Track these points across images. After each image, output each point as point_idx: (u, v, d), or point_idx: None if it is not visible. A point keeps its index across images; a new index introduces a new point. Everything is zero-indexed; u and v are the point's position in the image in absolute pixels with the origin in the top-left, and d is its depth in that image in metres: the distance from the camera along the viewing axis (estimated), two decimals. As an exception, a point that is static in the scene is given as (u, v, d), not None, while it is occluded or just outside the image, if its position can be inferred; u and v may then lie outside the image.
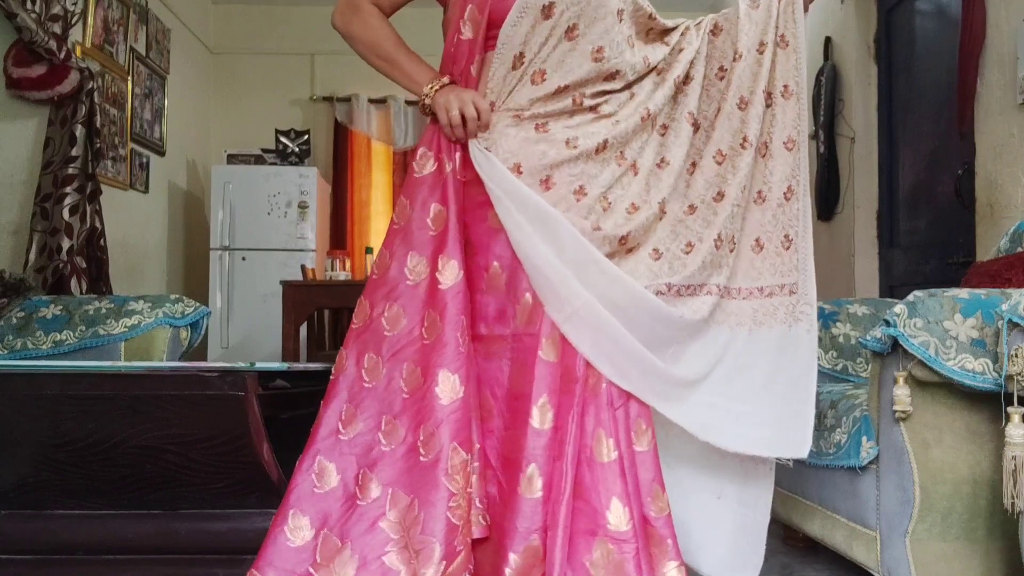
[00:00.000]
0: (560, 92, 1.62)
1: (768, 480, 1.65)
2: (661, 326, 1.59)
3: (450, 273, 1.52)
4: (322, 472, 1.48)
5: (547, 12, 1.59)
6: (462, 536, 1.43)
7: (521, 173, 1.59)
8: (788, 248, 1.67)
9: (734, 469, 1.65)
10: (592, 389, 1.52)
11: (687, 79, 1.74)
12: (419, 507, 1.42)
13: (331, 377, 1.56)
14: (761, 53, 1.71)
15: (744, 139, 1.70)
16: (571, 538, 1.45)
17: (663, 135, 1.72)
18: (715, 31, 1.76)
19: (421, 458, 1.44)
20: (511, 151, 1.61)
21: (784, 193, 1.69)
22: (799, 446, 1.57)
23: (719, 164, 1.71)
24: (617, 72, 1.66)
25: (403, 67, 1.70)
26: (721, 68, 1.75)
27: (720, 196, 1.69)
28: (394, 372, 1.51)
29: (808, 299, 1.64)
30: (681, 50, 1.74)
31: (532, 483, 1.45)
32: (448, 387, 1.46)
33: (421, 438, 1.45)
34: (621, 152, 1.67)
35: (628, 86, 1.70)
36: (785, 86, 1.71)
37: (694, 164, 1.73)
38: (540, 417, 1.47)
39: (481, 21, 1.60)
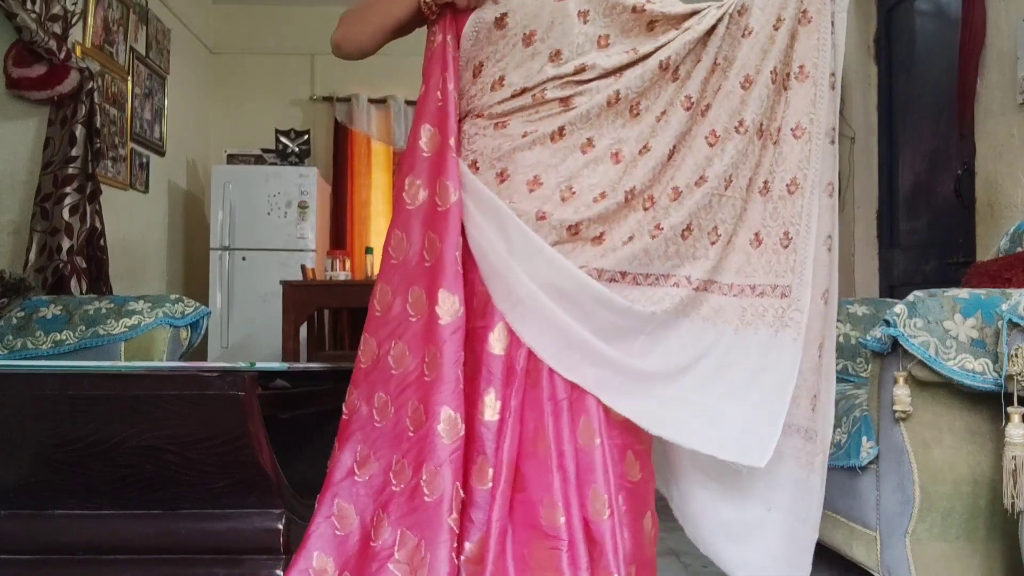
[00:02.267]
0: (519, 94, 1.60)
1: (819, 495, 1.56)
2: (616, 316, 1.53)
3: (449, 307, 1.49)
4: (342, 515, 1.50)
5: (500, 23, 1.59)
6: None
7: (478, 169, 1.59)
8: (787, 247, 1.57)
9: (786, 480, 1.58)
10: (532, 381, 1.50)
11: (696, 61, 1.62)
12: (425, 548, 1.42)
13: (344, 417, 1.56)
14: (776, 29, 1.60)
15: (740, 122, 1.60)
16: (515, 530, 1.45)
17: (656, 120, 1.62)
18: (741, 10, 1.63)
19: (425, 498, 1.43)
20: (471, 149, 1.61)
21: (787, 186, 1.58)
22: (759, 455, 1.48)
23: (711, 146, 1.61)
24: (583, 68, 1.59)
25: None
26: (733, 48, 1.63)
27: (702, 180, 1.59)
28: (401, 411, 1.50)
29: (800, 305, 1.54)
30: (686, 29, 1.62)
31: (483, 474, 1.46)
32: (449, 425, 1.45)
33: (424, 478, 1.44)
34: (589, 139, 1.59)
35: (606, 75, 1.60)
36: (801, 67, 1.58)
37: (676, 147, 1.62)
38: (487, 409, 1.47)
39: (451, 41, 1.62)
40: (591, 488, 1.47)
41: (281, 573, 1.78)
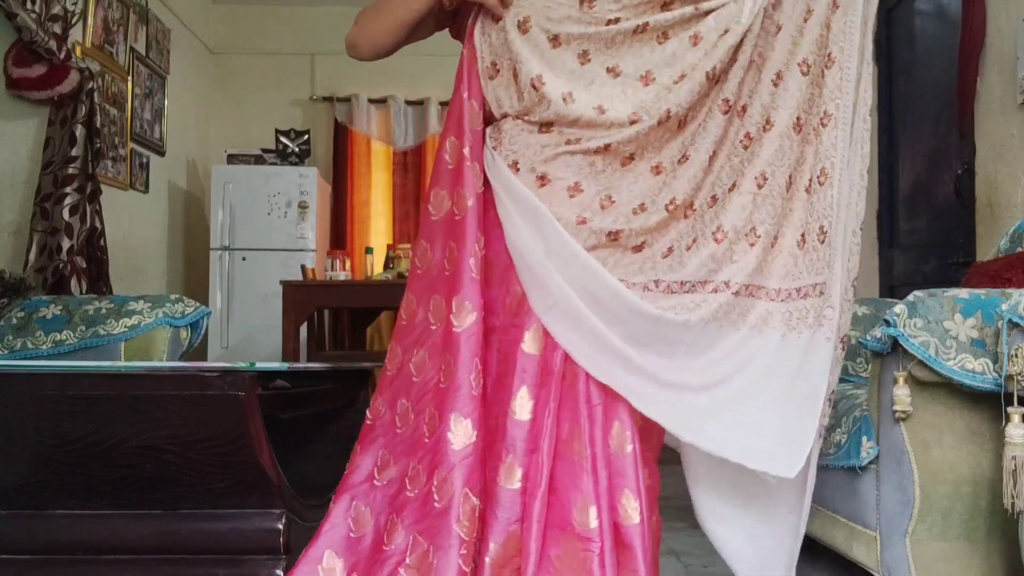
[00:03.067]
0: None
1: (810, 489, 1.54)
2: (651, 324, 1.51)
3: (465, 316, 1.50)
4: (359, 517, 1.51)
5: (523, 28, 1.58)
6: None
7: (518, 171, 1.58)
8: (823, 242, 1.50)
9: (797, 481, 1.54)
10: (569, 384, 1.50)
11: (731, 61, 1.57)
12: (433, 554, 1.42)
13: (367, 422, 1.57)
14: (806, 21, 1.54)
15: (768, 120, 1.55)
16: (544, 531, 1.45)
17: (698, 127, 1.58)
18: (776, 4, 1.57)
19: (435, 504, 1.44)
20: (511, 149, 1.60)
21: (818, 177, 1.50)
22: (790, 465, 1.45)
23: (745, 148, 1.57)
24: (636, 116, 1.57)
25: None
26: (766, 43, 1.58)
27: (734, 185, 1.56)
28: (419, 418, 1.52)
29: (832, 301, 1.48)
30: (725, 31, 1.56)
31: (511, 473, 1.45)
32: (461, 432, 1.45)
33: (435, 483, 1.45)
34: (631, 155, 1.57)
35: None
36: (829, 54, 1.51)
37: (715, 153, 1.58)
38: (519, 408, 1.47)
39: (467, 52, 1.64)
40: (623, 492, 1.47)
41: (281, 573, 1.79)
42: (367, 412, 1.59)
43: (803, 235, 1.53)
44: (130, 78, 4.61)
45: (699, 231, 1.58)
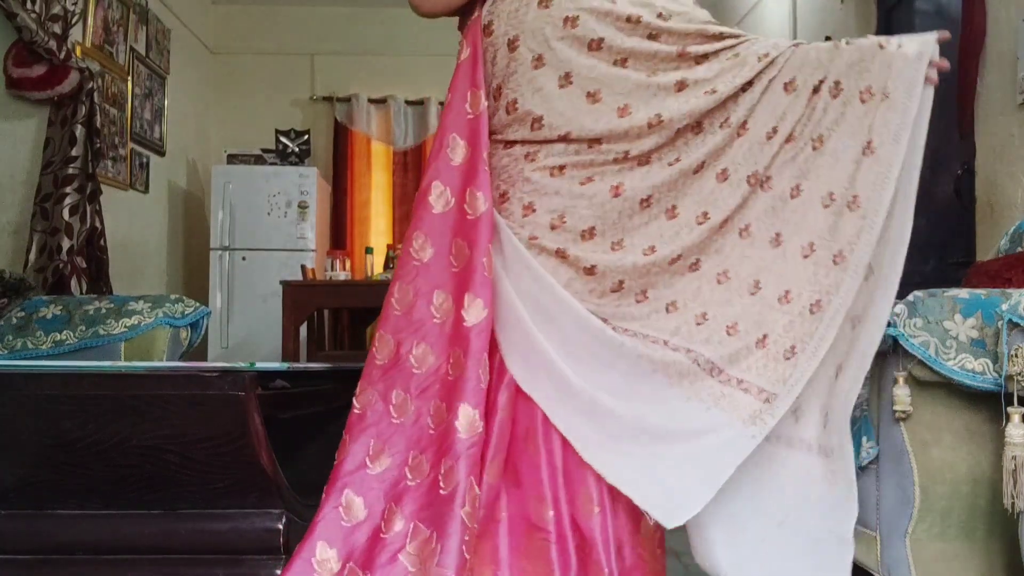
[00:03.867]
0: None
1: (843, 508, 1.51)
2: (592, 340, 1.55)
3: (475, 311, 1.52)
4: (350, 505, 1.51)
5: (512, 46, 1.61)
6: (467, 570, 1.46)
7: (507, 199, 1.61)
8: (788, 358, 1.52)
9: (796, 496, 1.55)
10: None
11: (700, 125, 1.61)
12: (436, 540, 1.44)
13: (356, 411, 1.56)
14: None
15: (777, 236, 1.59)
16: (511, 521, 1.51)
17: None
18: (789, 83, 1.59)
19: (441, 491, 1.47)
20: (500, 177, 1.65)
21: (815, 302, 1.53)
22: (669, 516, 1.46)
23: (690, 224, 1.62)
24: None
25: None
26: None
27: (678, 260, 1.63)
28: (422, 409, 1.53)
29: (774, 412, 1.49)
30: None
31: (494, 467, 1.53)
32: (467, 421, 1.48)
33: (442, 471, 1.48)
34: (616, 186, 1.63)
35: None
36: (821, 136, 1.57)
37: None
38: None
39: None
40: (581, 487, 1.50)
41: (281, 573, 1.79)
42: (354, 401, 1.58)
43: (765, 335, 1.54)
44: (130, 78, 4.61)
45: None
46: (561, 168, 1.59)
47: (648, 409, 1.55)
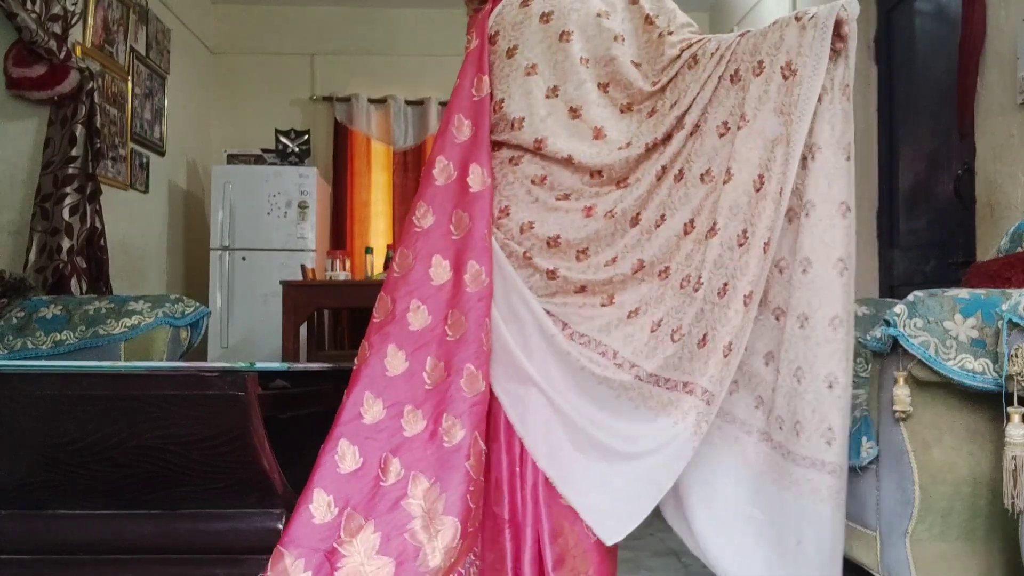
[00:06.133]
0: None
1: (834, 526, 1.58)
2: (548, 345, 1.65)
3: (478, 279, 1.63)
4: (344, 454, 1.56)
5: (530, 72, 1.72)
6: (473, 519, 1.55)
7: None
8: (702, 347, 1.60)
9: (803, 513, 1.60)
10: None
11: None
12: (441, 489, 1.53)
13: (354, 367, 1.64)
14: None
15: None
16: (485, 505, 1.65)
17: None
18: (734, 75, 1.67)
19: (445, 444, 1.55)
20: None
21: (722, 289, 1.61)
22: (611, 535, 1.57)
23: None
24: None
25: None
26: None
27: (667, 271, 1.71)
28: (416, 365, 1.61)
29: (694, 403, 1.57)
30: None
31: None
32: (472, 381, 1.59)
33: (444, 426, 1.56)
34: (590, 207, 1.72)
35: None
36: (724, 122, 1.65)
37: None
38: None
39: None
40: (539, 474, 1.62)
41: (281, 573, 1.78)
42: (356, 357, 1.67)
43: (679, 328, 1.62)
44: (130, 78, 4.61)
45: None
46: (542, 179, 1.70)
47: (599, 417, 1.61)
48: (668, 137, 1.68)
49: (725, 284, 1.58)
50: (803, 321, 1.56)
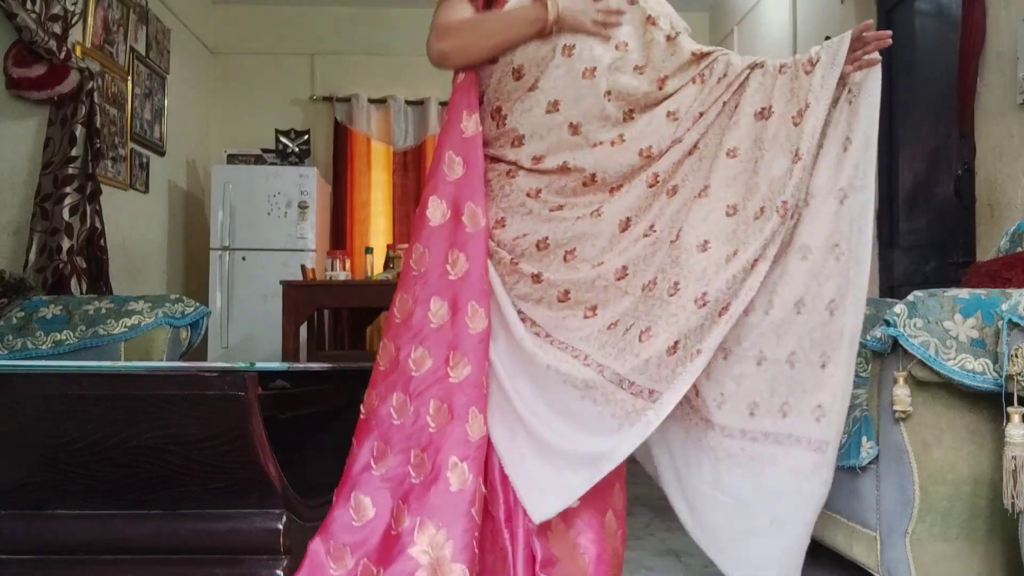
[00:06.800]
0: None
1: (817, 503, 1.59)
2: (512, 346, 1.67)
3: (479, 321, 1.63)
4: (359, 506, 1.59)
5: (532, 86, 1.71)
6: (477, 563, 1.56)
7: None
8: (672, 354, 1.62)
9: (786, 489, 1.61)
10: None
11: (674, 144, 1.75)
12: (448, 535, 1.53)
13: (362, 416, 1.66)
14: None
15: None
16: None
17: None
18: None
19: (450, 488, 1.56)
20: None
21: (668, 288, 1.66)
22: (541, 511, 1.60)
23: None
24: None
25: (517, 18, 1.68)
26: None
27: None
28: (420, 409, 1.61)
29: (659, 410, 1.59)
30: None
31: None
32: (476, 425, 1.59)
33: (449, 471, 1.57)
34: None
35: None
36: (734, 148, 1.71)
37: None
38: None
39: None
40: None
41: (281, 573, 1.79)
42: (361, 408, 1.67)
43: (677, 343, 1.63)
44: (130, 78, 4.61)
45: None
46: (537, 192, 1.71)
47: (556, 423, 1.63)
48: (663, 152, 1.71)
49: (704, 293, 1.62)
50: (799, 307, 1.60)
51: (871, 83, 1.64)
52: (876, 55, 1.64)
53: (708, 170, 1.70)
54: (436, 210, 1.68)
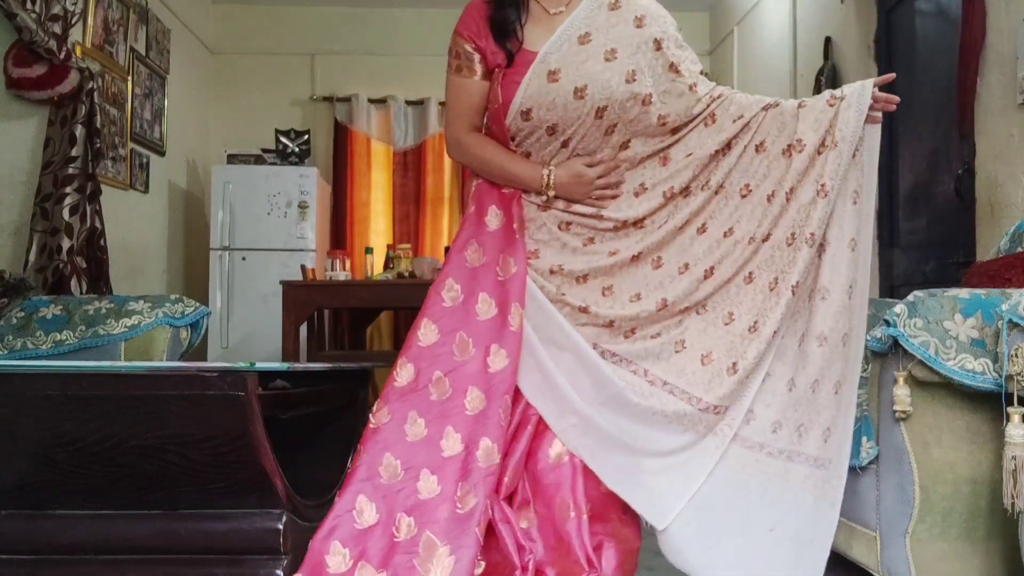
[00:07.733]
0: None
1: (828, 520, 1.66)
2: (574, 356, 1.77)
3: (499, 361, 1.72)
4: (362, 510, 1.63)
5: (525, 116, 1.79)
6: None
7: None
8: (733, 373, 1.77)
9: (792, 504, 1.70)
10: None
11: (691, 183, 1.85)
12: (452, 552, 1.59)
13: (371, 425, 1.70)
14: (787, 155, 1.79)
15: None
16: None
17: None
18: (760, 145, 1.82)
19: (458, 510, 1.63)
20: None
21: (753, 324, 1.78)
22: (659, 519, 1.72)
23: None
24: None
25: (516, 174, 1.82)
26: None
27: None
28: (435, 433, 1.69)
29: (730, 422, 1.78)
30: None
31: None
32: (486, 453, 1.67)
33: (458, 493, 1.64)
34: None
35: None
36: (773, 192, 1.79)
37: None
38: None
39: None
40: (557, 495, 1.73)
41: (281, 573, 1.79)
42: (370, 416, 1.71)
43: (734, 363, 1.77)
44: (130, 78, 4.61)
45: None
46: (568, 225, 1.82)
47: (631, 429, 1.74)
48: (687, 190, 1.81)
49: (757, 322, 1.77)
50: (822, 340, 1.71)
51: (871, 140, 1.74)
52: (878, 114, 1.75)
53: (734, 207, 1.81)
54: (474, 255, 1.80)
